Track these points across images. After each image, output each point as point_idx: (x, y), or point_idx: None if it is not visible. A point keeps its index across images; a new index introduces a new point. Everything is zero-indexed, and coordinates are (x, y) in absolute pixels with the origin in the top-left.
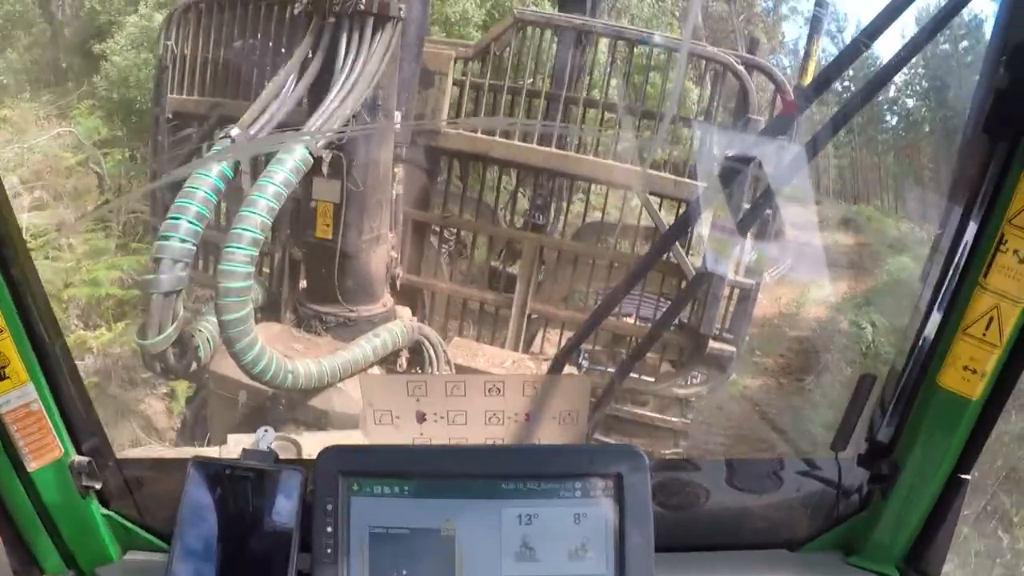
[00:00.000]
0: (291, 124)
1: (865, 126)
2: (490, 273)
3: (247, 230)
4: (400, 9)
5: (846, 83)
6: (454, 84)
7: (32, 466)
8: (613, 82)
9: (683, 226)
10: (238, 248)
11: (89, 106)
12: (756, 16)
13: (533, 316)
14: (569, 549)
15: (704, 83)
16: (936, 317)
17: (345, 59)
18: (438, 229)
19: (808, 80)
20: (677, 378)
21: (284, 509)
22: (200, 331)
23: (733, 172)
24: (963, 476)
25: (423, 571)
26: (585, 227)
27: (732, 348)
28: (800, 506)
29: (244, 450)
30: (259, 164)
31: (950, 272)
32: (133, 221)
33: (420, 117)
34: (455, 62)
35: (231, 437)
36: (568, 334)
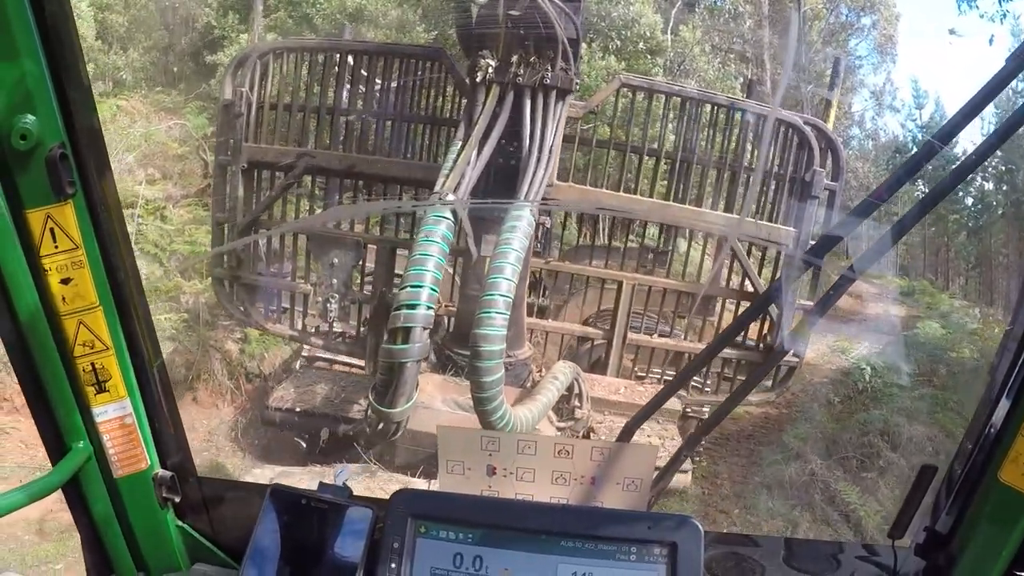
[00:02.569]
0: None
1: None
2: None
3: (501, 295)
4: (577, 84)
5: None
6: (565, 140)
7: (119, 473)
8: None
9: (762, 306)
10: (496, 312)
11: (199, 106)
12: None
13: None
14: None
15: (776, 139)
16: (1001, 411)
17: (533, 128)
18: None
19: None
20: (749, 387)
21: (352, 543)
22: None
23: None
24: (1020, 574)
25: None
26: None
27: (796, 359)
28: None
29: (321, 483)
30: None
31: (1017, 366)
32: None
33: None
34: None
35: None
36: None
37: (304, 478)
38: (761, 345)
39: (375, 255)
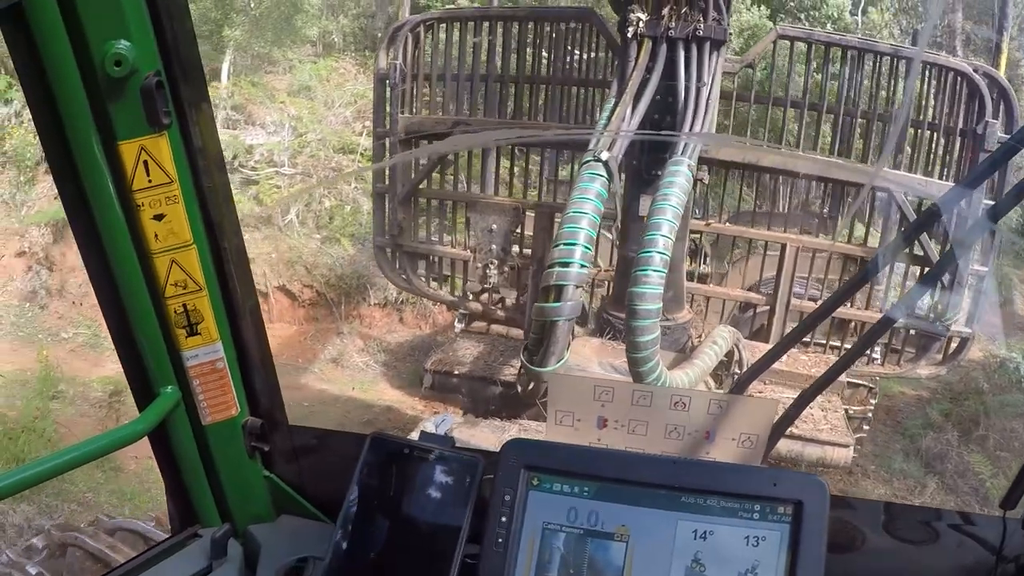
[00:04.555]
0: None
1: None
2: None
3: (658, 252)
4: (729, 33)
5: None
6: (721, 97)
7: (208, 420)
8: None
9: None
10: (652, 270)
11: None
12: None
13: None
14: (739, 570)
15: (944, 90)
16: None
17: (687, 81)
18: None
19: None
20: (919, 361)
21: (458, 495)
22: None
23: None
24: None
25: (591, 572)
26: None
27: (969, 331)
28: (957, 563)
29: (423, 433)
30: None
31: None
32: None
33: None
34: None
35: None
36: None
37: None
38: (932, 315)
39: (533, 221)
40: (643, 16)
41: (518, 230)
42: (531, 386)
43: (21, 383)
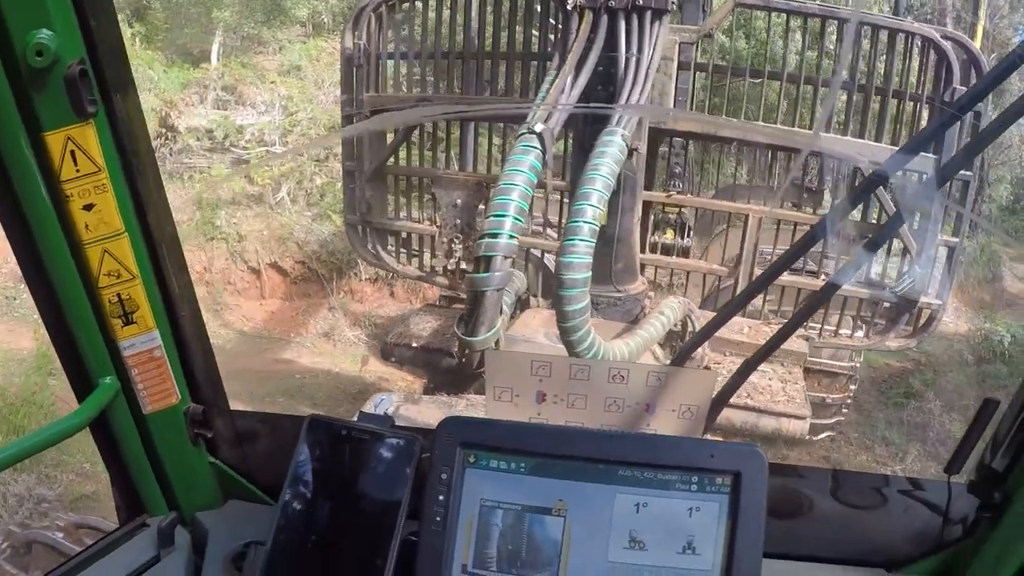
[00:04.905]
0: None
1: None
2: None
3: (586, 222)
4: (673, 3)
5: None
6: (680, 68)
7: (148, 409)
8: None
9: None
10: (580, 240)
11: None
12: None
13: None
14: (678, 542)
15: (911, 57)
16: None
17: (628, 52)
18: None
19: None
20: (888, 333)
21: (397, 474)
22: None
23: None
24: None
25: (529, 548)
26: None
27: (939, 302)
28: (903, 526)
29: (361, 413)
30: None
31: None
32: None
33: (650, 102)
34: (679, 46)
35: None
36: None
37: (431, 406)
38: (899, 286)
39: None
40: None
41: (481, 205)
42: (467, 356)
43: (18, 361)
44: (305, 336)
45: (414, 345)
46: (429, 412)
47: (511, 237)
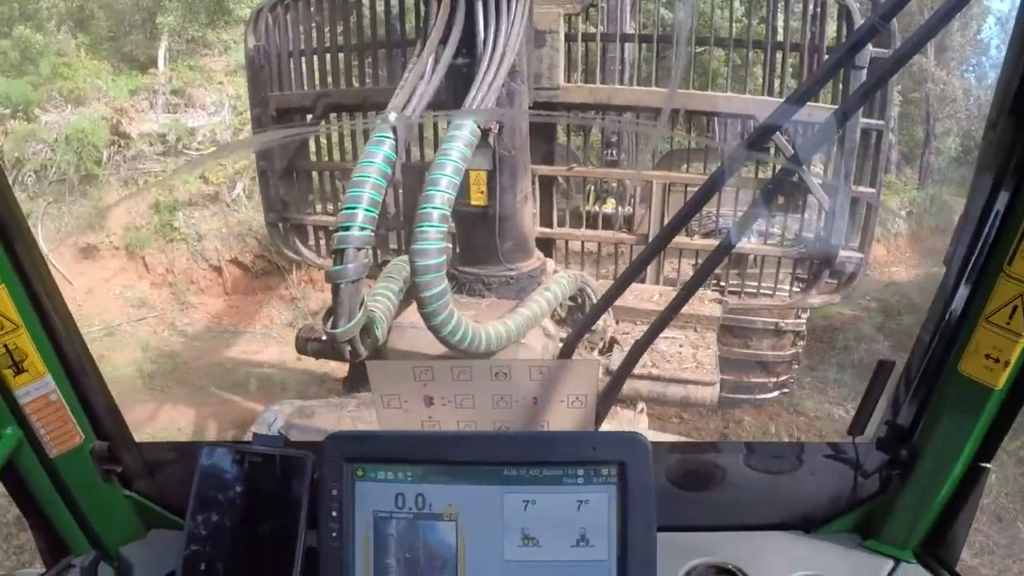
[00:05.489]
0: (437, 100)
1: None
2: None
3: (435, 208)
4: None
5: None
6: (567, 39)
7: (54, 453)
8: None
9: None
10: (429, 226)
11: None
12: None
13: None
14: (571, 535)
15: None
16: (958, 304)
17: (487, 30)
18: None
19: None
20: (810, 290)
21: (293, 491)
22: (373, 311)
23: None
24: (983, 465)
25: (426, 555)
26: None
27: (860, 255)
28: (817, 489)
29: (254, 434)
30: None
31: (973, 258)
32: None
33: (538, 76)
34: (563, 18)
35: None
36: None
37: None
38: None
39: (402, 180)
40: None
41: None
42: (334, 348)
43: None
44: (271, 327)
45: (324, 339)
46: (323, 418)
47: (362, 229)
